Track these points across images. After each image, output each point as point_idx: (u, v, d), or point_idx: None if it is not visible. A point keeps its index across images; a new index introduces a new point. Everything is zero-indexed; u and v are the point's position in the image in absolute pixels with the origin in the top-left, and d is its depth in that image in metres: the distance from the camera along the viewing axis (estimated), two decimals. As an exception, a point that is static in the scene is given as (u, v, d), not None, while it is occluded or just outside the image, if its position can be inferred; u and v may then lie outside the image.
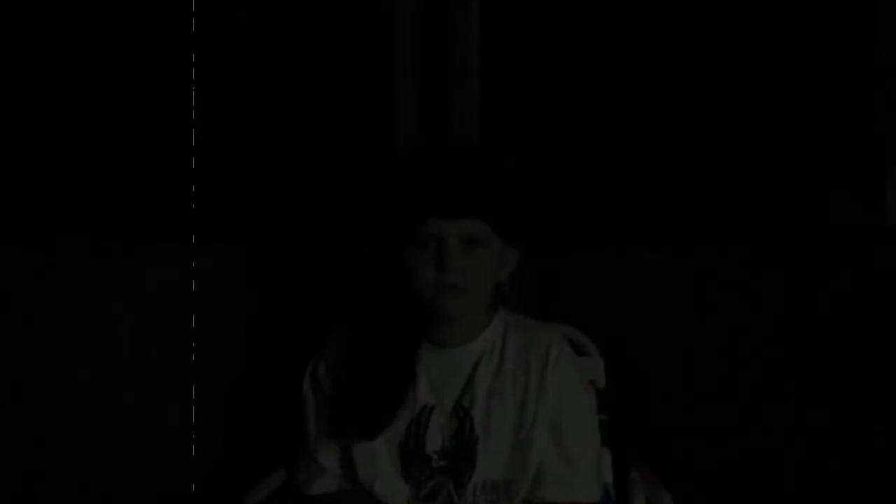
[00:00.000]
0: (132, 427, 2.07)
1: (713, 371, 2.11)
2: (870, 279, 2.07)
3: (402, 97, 2.19)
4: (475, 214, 1.72)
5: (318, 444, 1.79)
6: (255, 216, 2.22)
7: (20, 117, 2.16)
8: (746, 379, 2.11)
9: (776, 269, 2.09)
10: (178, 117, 2.17)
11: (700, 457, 2.09)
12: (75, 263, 2.07)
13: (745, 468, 2.08)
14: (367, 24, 2.18)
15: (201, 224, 2.17)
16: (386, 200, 1.76)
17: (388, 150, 2.18)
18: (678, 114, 2.22)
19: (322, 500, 1.78)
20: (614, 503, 1.87)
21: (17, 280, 2.06)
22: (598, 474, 1.80)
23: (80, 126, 2.18)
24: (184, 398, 2.05)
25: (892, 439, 2.06)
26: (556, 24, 2.22)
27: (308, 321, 1.95)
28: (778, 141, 2.18)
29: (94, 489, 2.06)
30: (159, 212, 2.18)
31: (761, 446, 2.09)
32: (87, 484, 2.06)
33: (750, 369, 2.11)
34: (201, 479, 2.05)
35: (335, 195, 2.20)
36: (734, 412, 2.11)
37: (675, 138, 2.22)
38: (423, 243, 1.72)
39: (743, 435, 2.10)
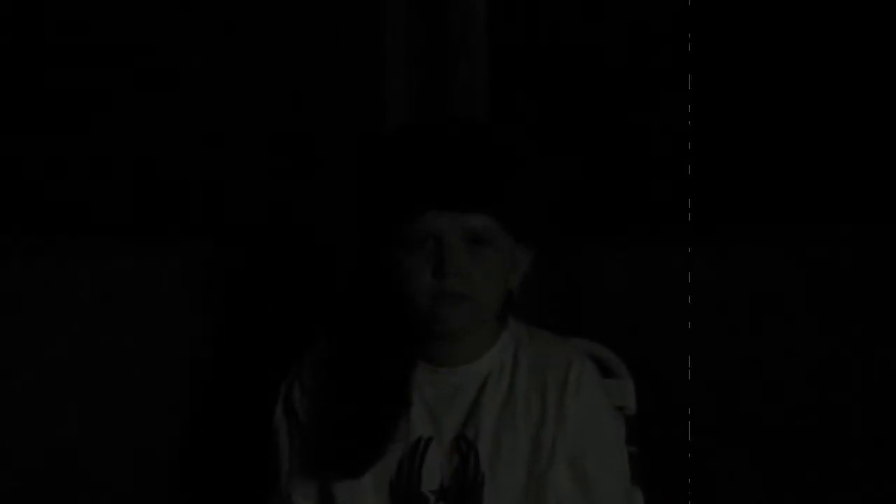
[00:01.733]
0: (67, 467, 2.00)
1: (768, 397, 2.04)
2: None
3: (392, 68, 2.09)
4: (481, 207, 1.62)
5: (293, 483, 1.71)
6: (210, 210, 2.11)
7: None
8: (807, 407, 2.04)
9: (849, 276, 2.03)
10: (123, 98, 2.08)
11: (749, 499, 2.04)
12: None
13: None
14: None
15: (139, 218, 2.10)
16: (370, 190, 1.68)
17: (372, 131, 2.09)
18: (722, 98, 2.12)
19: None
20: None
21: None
22: (627, 517, 1.72)
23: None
24: (131, 431, 2.00)
25: None
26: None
27: (279, 337, 1.93)
28: (854, 138, 2.10)
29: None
30: (94, 202, 2.09)
31: (826, 486, 2.02)
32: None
33: (812, 395, 2.03)
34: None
35: (310, 186, 2.10)
36: (789, 446, 2.04)
37: (717, 123, 2.12)
38: (418, 242, 1.63)
39: (800, 474, 2.04)
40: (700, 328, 2.04)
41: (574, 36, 2.12)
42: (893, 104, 2.06)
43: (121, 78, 2.07)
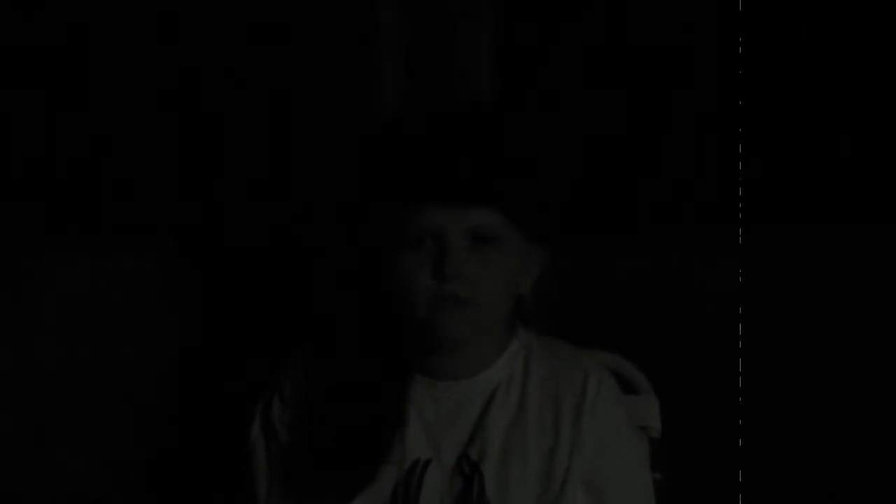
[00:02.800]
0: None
1: (812, 418, 1.99)
2: None
3: (385, 39, 2.06)
4: (487, 200, 1.58)
5: (272, 510, 1.68)
6: (186, 208, 2.11)
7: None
8: (859, 431, 1.99)
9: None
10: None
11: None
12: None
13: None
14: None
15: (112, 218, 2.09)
16: (362, 182, 1.66)
17: (362, 119, 2.05)
18: (757, 83, 2.07)
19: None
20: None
21: None
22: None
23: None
24: (87, 450, 1.98)
25: None
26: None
27: (258, 345, 1.92)
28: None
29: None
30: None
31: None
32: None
33: (863, 418, 1.98)
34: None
35: (290, 177, 2.08)
36: (837, 476, 1.99)
37: (757, 110, 2.07)
38: (416, 241, 1.58)
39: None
40: (735, 339, 2.00)
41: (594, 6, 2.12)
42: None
43: (100, 69, 2.10)
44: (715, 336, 2.01)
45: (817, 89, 2.08)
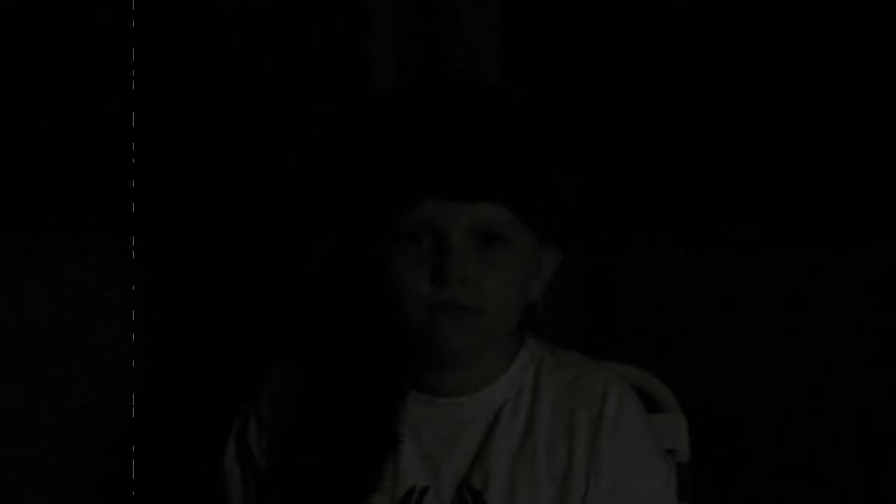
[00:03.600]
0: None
1: (860, 439, 1.92)
2: None
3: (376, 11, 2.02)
4: (494, 194, 1.51)
5: (248, 542, 1.67)
6: (147, 200, 2.03)
7: None
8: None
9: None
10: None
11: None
12: None
13: None
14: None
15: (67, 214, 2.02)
16: (351, 172, 1.57)
17: (355, 99, 2.00)
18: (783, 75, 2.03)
19: None
20: None
21: None
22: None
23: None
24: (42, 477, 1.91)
25: None
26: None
27: (230, 357, 1.88)
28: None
29: None
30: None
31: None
32: None
33: None
34: None
35: (272, 165, 2.02)
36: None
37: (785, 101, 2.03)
38: (412, 238, 1.51)
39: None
40: (775, 351, 1.96)
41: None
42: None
43: (56, 64, 2.06)
44: (752, 348, 1.97)
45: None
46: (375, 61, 2.04)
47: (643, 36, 2.14)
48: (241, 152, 2.06)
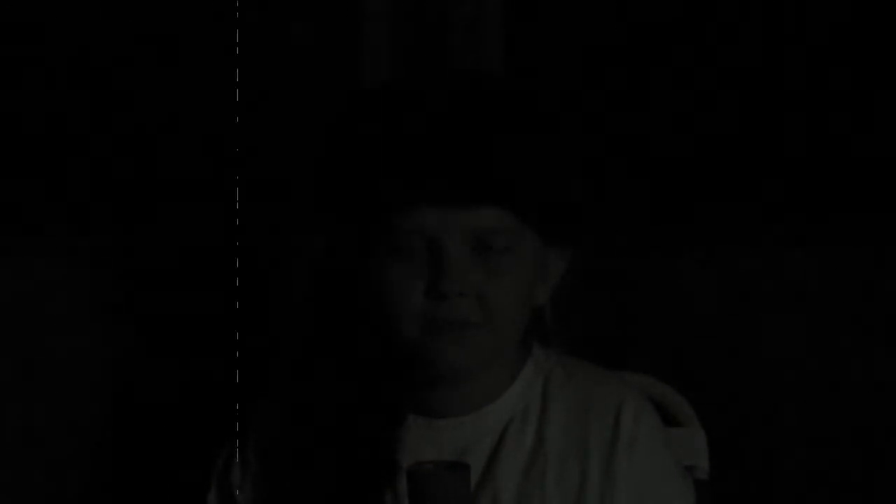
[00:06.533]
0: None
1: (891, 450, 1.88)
2: None
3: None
4: (493, 197, 1.44)
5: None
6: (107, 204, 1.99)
7: None
8: None
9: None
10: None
11: None
12: None
13: None
14: None
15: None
16: (337, 174, 1.49)
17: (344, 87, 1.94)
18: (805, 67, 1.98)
19: None
20: None
21: None
22: None
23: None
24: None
25: None
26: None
27: (211, 391, 1.80)
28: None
29: None
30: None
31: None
32: None
33: None
34: None
35: (258, 166, 1.94)
36: None
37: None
38: (407, 248, 1.45)
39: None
40: (801, 361, 1.90)
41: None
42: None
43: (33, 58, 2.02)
44: (775, 357, 1.91)
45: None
46: (369, 50, 1.98)
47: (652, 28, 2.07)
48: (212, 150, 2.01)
